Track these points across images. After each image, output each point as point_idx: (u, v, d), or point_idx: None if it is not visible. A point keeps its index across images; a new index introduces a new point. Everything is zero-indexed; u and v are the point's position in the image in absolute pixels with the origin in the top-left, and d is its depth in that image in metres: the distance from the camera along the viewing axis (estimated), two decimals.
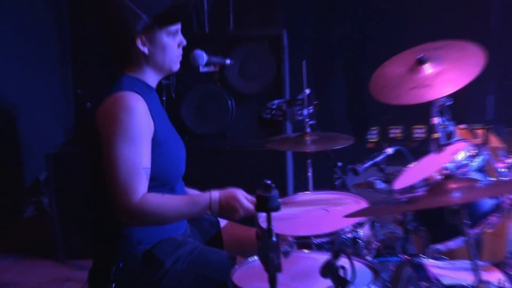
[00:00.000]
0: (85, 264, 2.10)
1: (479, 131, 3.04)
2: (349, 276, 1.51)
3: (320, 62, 5.28)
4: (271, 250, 1.40)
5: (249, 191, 1.99)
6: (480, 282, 1.45)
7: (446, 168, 1.88)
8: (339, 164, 2.83)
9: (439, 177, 1.82)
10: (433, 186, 1.65)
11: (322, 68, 5.29)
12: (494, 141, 3.23)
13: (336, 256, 1.53)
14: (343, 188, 2.82)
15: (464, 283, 1.56)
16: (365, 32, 5.42)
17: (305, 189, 2.63)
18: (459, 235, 1.96)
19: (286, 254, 1.43)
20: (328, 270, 1.53)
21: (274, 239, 1.43)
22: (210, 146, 3.66)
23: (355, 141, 2.60)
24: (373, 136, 5.47)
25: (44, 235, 4.02)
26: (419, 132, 5.35)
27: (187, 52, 2.59)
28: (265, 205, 1.43)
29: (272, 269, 1.42)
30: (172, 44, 2.06)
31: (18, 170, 4.38)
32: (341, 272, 1.52)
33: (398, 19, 5.29)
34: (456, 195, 1.54)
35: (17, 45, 4.37)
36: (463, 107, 4.97)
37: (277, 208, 1.46)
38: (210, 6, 3.86)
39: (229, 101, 3.66)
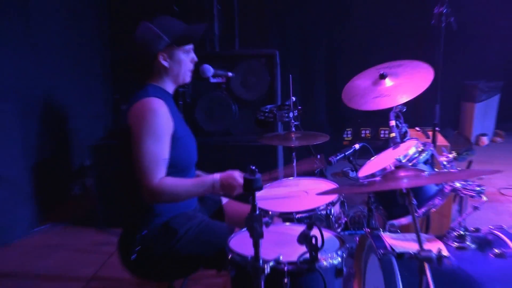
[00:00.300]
0: (120, 232, 2.11)
1: (430, 132, 3.04)
2: (320, 244, 1.53)
3: (305, 76, 5.30)
4: (254, 221, 1.41)
5: None
6: (423, 250, 1.45)
7: (398, 160, 1.88)
8: (318, 156, 2.83)
9: (393, 167, 1.82)
10: (388, 174, 1.65)
11: (306, 81, 5.31)
12: (441, 140, 3.23)
13: (310, 227, 1.54)
14: (321, 175, 2.83)
15: (411, 251, 1.56)
16: (339, 53, 5.47)
17: (291, 175, 2.63)
18: (409, 213, 1.96)
19: (267, 224, 1.43)
20: (304, 238, 1.53)
21: (257, 212, 1.44)
22: (217, 141, 3.66)
23: (333, 140, 2.59)
24: (348, 135, 5.48)
25: (87, 208, 4.03)
26: (384, 132, 5.37)
27: (199, 66, 2.59)
28: (250, 186, 1.43)
29: (255, 236, 1.43)
30: (186, 60, 2.06)
31: (67, 158, 4.39)
32: (314, 241, 1.53)
33: (365, 43, 5.33)
34: (405, 181, 1.54)
35: (70, 60, 4.39)
36: (416, 113, 5.00)
37: (260, 188, 1.46)
38: (219, 31, 3.88)
39: (233, 106, 3.65)
